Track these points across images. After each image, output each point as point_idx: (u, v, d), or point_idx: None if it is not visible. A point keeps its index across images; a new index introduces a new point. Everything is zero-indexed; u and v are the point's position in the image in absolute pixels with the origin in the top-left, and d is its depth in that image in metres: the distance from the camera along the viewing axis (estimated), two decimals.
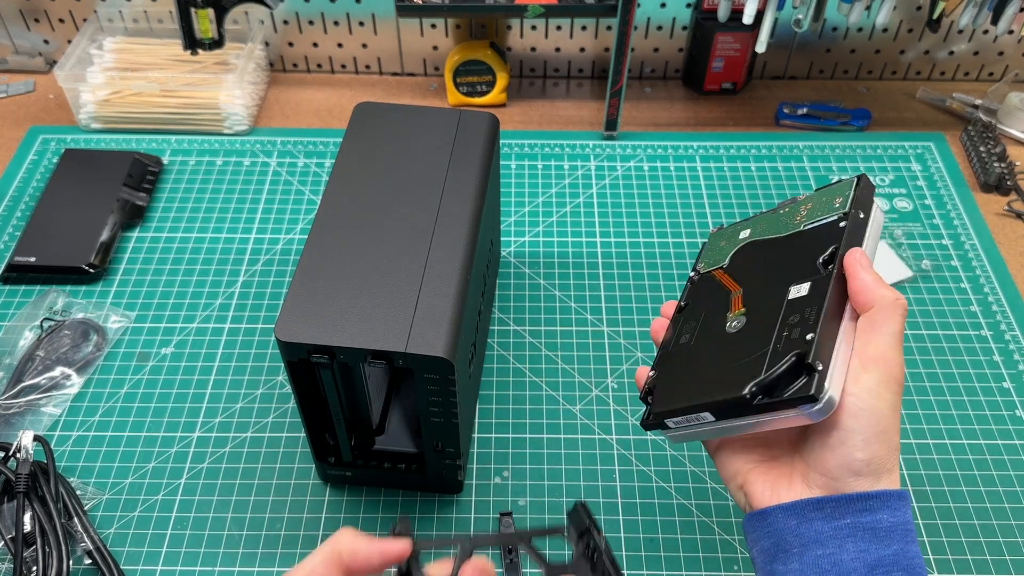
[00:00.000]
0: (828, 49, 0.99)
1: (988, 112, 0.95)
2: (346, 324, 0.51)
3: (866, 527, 0.38)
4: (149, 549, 0.61)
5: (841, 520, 0.38)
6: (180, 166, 0.89)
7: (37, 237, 0.79)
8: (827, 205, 0.47)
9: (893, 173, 0.90)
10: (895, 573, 0.37)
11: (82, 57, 0.93)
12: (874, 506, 0.38)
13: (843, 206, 0.46)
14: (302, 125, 0.95)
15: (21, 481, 0.59)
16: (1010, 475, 0.65)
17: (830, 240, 0.44)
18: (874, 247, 0.45)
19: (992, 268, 0.80)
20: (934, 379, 0.71)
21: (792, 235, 0.48)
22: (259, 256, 0.81)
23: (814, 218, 0.47)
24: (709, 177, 0.89)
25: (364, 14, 0.97)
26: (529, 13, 0.87)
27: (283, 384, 0.71)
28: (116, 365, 0.72)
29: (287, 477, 0.65)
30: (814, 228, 0.46)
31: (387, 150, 0.62)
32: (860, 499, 0.38)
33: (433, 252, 0.55)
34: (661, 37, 0.98)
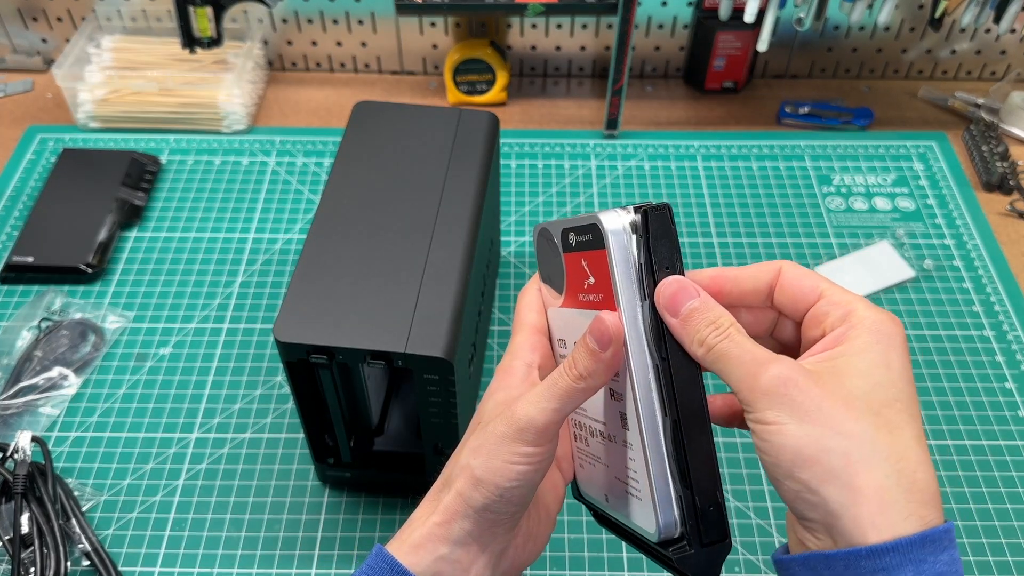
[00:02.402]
0: (830, 48, 0.99)
1: (990, 111, 0.95)
2: (345, 324, 0.50)
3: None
4: (147, 550, 0.60)
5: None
6: (178, 165, 0.89)
7: (35, 237, 0.78)
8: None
9: (895, 172, 0.89)
10: None
11: (80, 56, 0.92)
12: (892, 564, 0.29)
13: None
14: (301, 124, 0.95)
15: (19, 482, 0.59)
16: (1012, 475, 0.65)
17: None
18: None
19: (994, 268, 0.79)
20: (936, 379, 0.71)
21: None
22: (258, 256, 0.80)
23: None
24: (710, 176, 0.89)
25: (363, 12, 0.96)
26: (529, 11, 0.87)
27: (282, 384, 0.70)
28: (114, 365, 0.71)
29: (286, 478, 0.64)
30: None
31: (386, 149, 0.62)
32: (871, 555, 0.29)
33: (433, 252, 0.55)
34: (662, 35, 0.98)
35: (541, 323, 0.39)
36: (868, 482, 0.29)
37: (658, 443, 0.33)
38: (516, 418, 0.35)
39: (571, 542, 0.61)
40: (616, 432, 0.36)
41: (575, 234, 0.35)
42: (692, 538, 0.33)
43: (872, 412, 0.30)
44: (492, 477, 0.35)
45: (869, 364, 0.31)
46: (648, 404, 0.33)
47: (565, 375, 0.34)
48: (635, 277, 0.33)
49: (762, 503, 0.63)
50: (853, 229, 0.83)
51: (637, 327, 0.33)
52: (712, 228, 0.83)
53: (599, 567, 0.60)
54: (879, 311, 0.33)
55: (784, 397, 0.31)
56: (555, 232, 0.37)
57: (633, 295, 0.33)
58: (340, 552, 0.61)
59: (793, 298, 0.34)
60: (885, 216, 0.84)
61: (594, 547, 0.61)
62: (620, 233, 0.33)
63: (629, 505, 0.36)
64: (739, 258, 0.80)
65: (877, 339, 0.32)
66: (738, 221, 0.84)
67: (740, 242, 0.82)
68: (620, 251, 0.33)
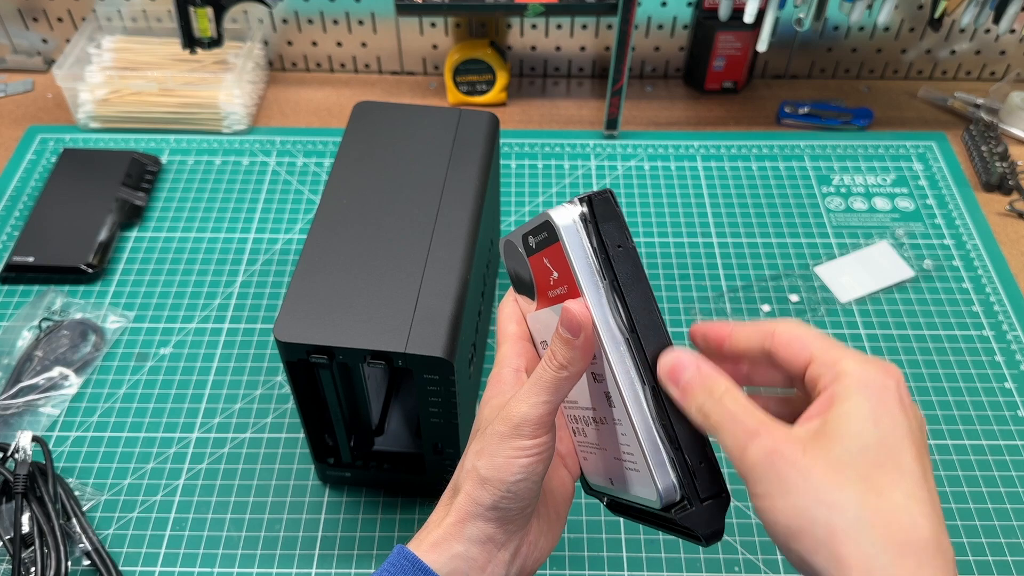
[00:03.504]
0: (829, 48, 0.99)
1: (990, 111, 0.95)
2: (345, 324, 0.50)
3: None
4: (148, 550, 0.60)
5: None
6: (179, 166, 0.89)
7: (35, 237, 0.79)
8: None
9: (895, 172, 0.90)
10: None
11: (80, 56, 0.93)
12: None
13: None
14: (301, 124, 0.95)
15: (19, 482, 0.59)
16: (1012, 475, 0.65)
17: None
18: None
19: (994, 268, 0.79)
20: (936, 379, 0.71)
21: None
22: (258, 256, 0.80)
23: None
24: (710, 176, 0.89)
25: (363, 13, 0.96)
26: (529, 12, 0.87)
27: (282, 384, 0.70)
28: (115, 365, 0.71)
29: (286, 478, 0.65)
30: None
31: (386, 149, 0.62)
32: None
33: (433, 252, 0.55)
34: (662, 36, 0.98)
35: (523, 331, 0.41)
36: (852, 552, 0.29)
37: (642, 412, 0.35)
38: (511, 416, 0.37)
39: (571, 542, 0.61)
40: (605, 413, 0.37)
41: (532, 236, 0.37)
42: (691, 497, 0.35)
43: (860, 478, 0.30)
44: (497, 474, 0.37)
45: (857, 426, 0.31)
46: (626, 377, 0.35)
47: (548, 367, 0.36)
48: (592, 262, 0.35)
49: None
50: (853, 229, 0.83)
51: (602, 308, 0.35)
52: (712, 228, 0.83)
53: (599, 567, 0.60)
54: (869, 363, 0.32)
55: (770, 471, 0.31)
56: (517, 240, 0.39)
57: (593, 278, 0.35)
58: (340, 552, 0.61)
59: (787, 361, 0.35)
60: (885, 216, 0.85)
61: (594, 547, 0.61)
62: (571, 224, 0.35)
63: (630, 481, 0.37)
64: (739, 258, 0.80)
65: (866, 396, 0.31)
66: (738, 221, 0.84)
67: (740, 242, 0.82)
68: (573, 241, 0.35)
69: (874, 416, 0.31)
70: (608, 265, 0.35)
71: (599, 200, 0.35)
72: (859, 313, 0.76)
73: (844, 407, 0.31)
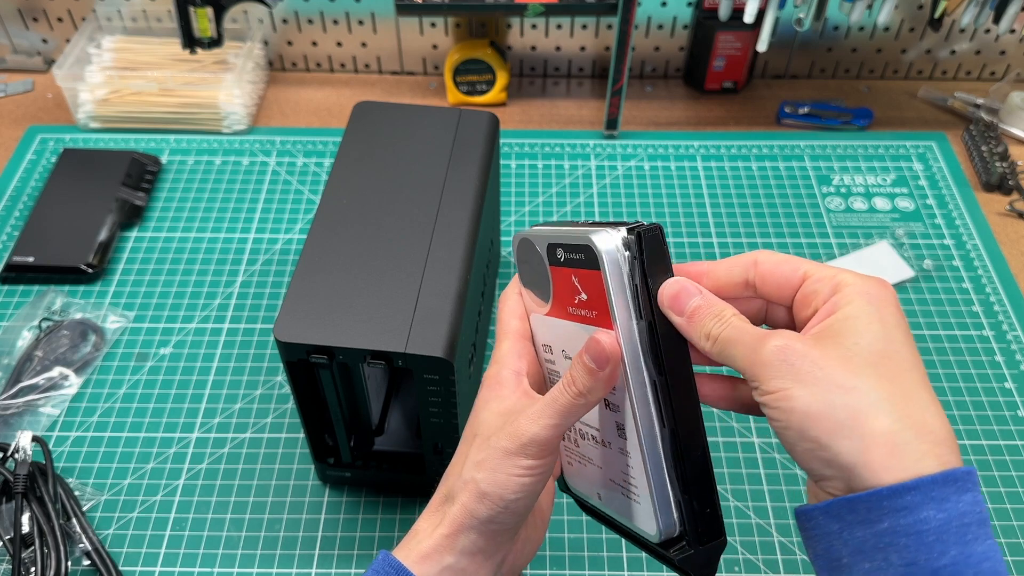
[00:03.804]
0: (829, 48, 0.99)
1: (990, 111, 0.95)
2: (345, 324, 0.50)
3: (909, 531, 0.29)
4: (148, 550, 0.60)
5: (879, 524, 0.30)
6: (179, 166, 0.89)
7: (35, 237, 0.79)
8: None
9: (895, 172, 0.90)
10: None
11: (80, 56, 0.93)
12: (912, 503, 0.29)
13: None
14: (301, 124, 0.95)
15: (19, 482, 0.59)
16: (1012, 475, 0.65)
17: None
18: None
19: (994, 268, 0.79)
20: (936, 379, 0.71)
21: None
22: (258, 256, 0.80)
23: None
24: (710, 176, 0.89)
25: (363, 13, 0.96)
26: (529, 12, 0.87)
27: (282, 384, 0.70)
28: (115, 365, 0.71)
29: (286, 478, 0.65)
30: None
31: (386, 149, 0.62)
32: (891, 495, 0.29)
33: (433, 252, 0.55)
34: (662, 36, 0.98)
35: (525, 329, 0.40)
36: (876, 428, 0.30)
37: (657, 454, 0.35)
38: (519, 434, 0.36)
39: (571, 542, 0.61)
40: (611, 439, 0.37)
41: (564, 251, 0.36)
42: (691, 539, 0.35)
43: (871, 365, 0.31)
44: (497, 490, 0.36)
45: (863, 323, 0.32)
46: (647, 417, 0.34)
47: (565, 392, 0.35)
48: (630, 297, 0.34)
49: (762, 503, 0.63)
50: (853, 229, 0.83)
51: (634, 345, 0.34)
52: (712, 228, 0.83)
53: (599, 567, 0.60)
54: (867, 277, 0.33)
55: (784, 364, 0.31)
56: (539, 244, 0.38)
57: (629, 315, 0.34)
58: (340, 552, 0.61)
59: (777, 285, 0.35)
60: (885, 216, 0.85)
61: (594, 547, 0.61)
62: (614, 254, 0.33)
63: (626, 506, 0.37)
64: None
65: (868, 300, 0.32)
66: (738, 221, 0.84)
67: (740, 242, 0.82)
68: (615, 273, 0.33)
69: (880, 317, 0.32)
70: (648, 307, 0.34)
71: (649, 237, 0.33)
72: None
73: (848, 310, 0.32)
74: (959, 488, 0.29)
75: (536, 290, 0.39)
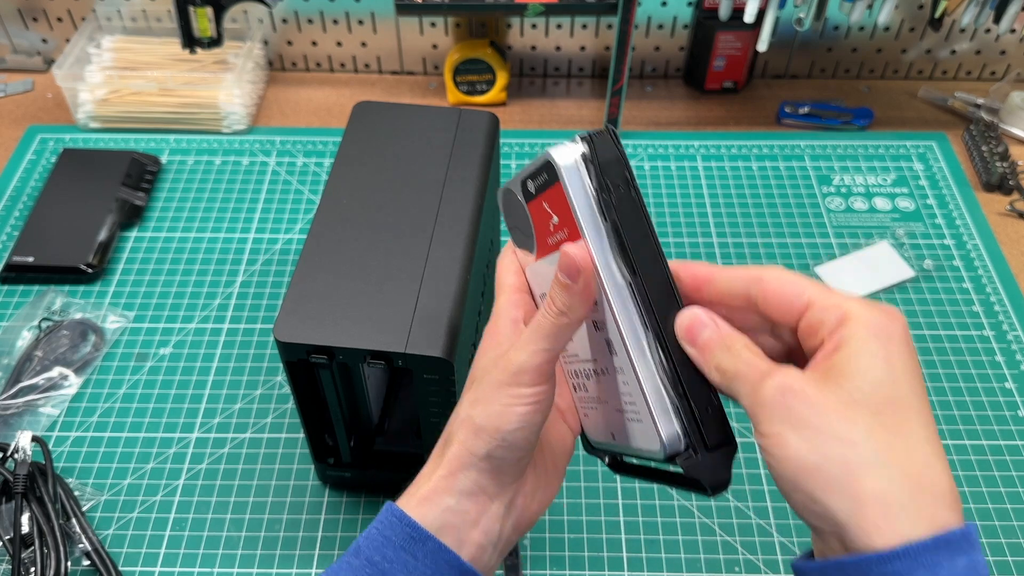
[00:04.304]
0: (830, 48, 0.99)
1: (990, 111, 0.95)
2: (345, 324, 0.50)
3: None
4: (147, 550, 0.60)
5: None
6: (179, 166, 0.89)
7: (35, 237, 0.78)
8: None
9: (895, 172, 0.89)
10: None
11: (80, 56, 0.93)
12: (902, 570, 0.28)
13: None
14: (301, 124, 0.95)
15: (19, 482, 0.59)
16: (1012, 475, 0.65)
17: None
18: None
19: (994, 268, 0.79)
20: (936, 379, 0.71)
21: None
22: (258, 256, 0.80)
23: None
24: (710, 176, 0.89)
25: (363, 12, 0.96)
26: (529, 11, 0.87)
27: (282, 384, 0.70)
28: (114, 365, 0.71)
29: (286, 478, 0.64)
30: None
31: (386, 149, 0.62)
32: (880, 561, 0.28)
33: (433, 252, 0.55)
34: (662, 36, 0.98)
35: (521, 283, 0.40)
36: (869, 488, 0.29)
37: (644, 358, 0.34)
38: (508, 364, 0.35)
39: (571, 542, 0.61)
40: (607, 363, 0.36)
41: (532, 180, 0.36)
42: (697, 445, 0.33)
43: (872, 413, 0.29)
44: (493, 422, 0.35)
45: (868, 363, 0.30)
46: (628, 323, 0.34)
47: (547, 314, 0.35)
48: (593, 202, 0.33)
49: (762, 503, 0.63)
50: (853, 229, 0.83)
51: (603, 251, 0.33)
52: (712, 228, 0.83)
53: (599, 567, 0.60)
54: (876, 307, 0.32)
55: (783, 408, 0.30)
56: (515, 188, 0.37)
57: (594, 219, 0.33)
58: (340, 552, 0.61)
59: (779, 307, 0.33)
60: (885, 216, 0.84)
61: (594, 547, 0.61)
62: (572, 164, 0.33)
63: (632, 433, 0.36)
64: (739, 258, 0.80)
65: (875, 336, 0.31)
66: (738, 221, 0.84)
67: (740, 242, 0.82)
68: (574, 181, 0.33)
69: (886, 356, 0.30)
70: (610, 206, 0.33)
71: (600, 138, 0.33)
72: None
73: (854, 347, 0.30)
74: (953, 551, 0.28)
75: (524, 241, 0.39)
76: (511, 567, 0.59)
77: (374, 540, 0.36)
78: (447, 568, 0.36)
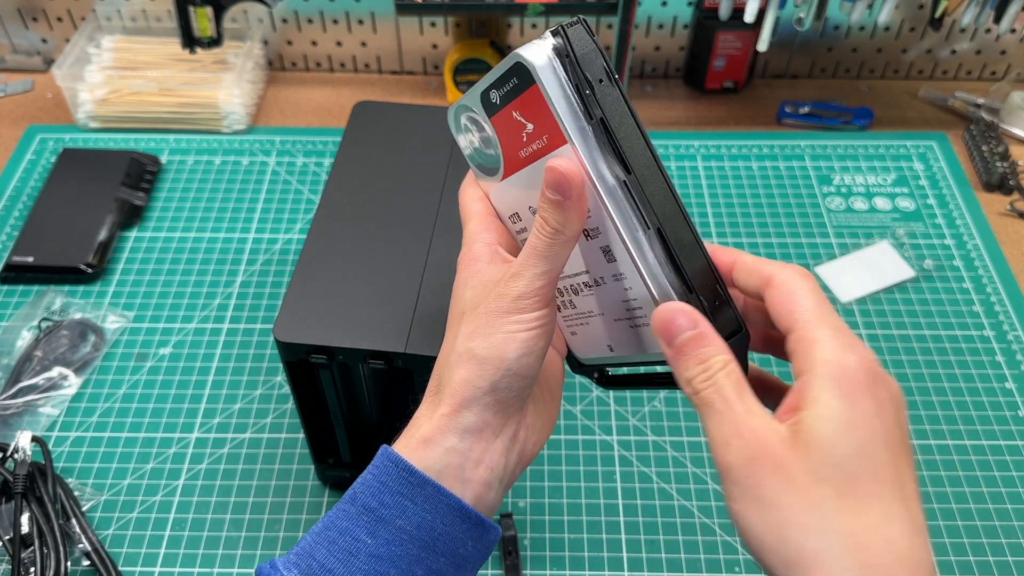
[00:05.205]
0: (830, 48, 0.99)
1: (990, 111, 0.95)
2: (345, 324, 0.50)
3: None
4: (147, 550, 0.60)
5: None
6: (178, 165, 0.89)
7: (35, 237, 0.78)
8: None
9: (895, 172, 0.89)
10: None
11: (80, 56, 0.92)
12: None
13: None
14: (301, 124, 0.95)
15: (19, 482, 0.59)
16: (1012, 475, 0.65)
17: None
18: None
19: (994, 268, 0.79)
20: (936, 379, 0.71)
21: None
22: (258, 256, 0.80)
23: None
24: (710, 176, 0.89)
25: (363, 12, 0.96)
26: (529, 11, 0.87)
27: (282, 384, 0.70)
28: (114, 365, 0.71)
29: (286, 478, 0.64)
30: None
31: (386, 149, 0.62)
32: None
33: (433, 252, 0.55)
34: (662, 35, 0.98)
35: (488, 208, 0.38)
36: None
37: (645, 257, 0.32)
38: (508, 292, 0.34)
39: (571, 542, 0.61)
40: (603, 272, 0.35)
41: (496, 89, 0.33)
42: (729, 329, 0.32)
43: (837, 494, 0.28)
44: (496, 352, 0.34)
45: (832, 431, 0.29)
46: (627, 224, 0.32)
47: (541, 235, 0.33)
48: (575, 101, 0.31)
49: None
50: (853, 229, 0.83)
51: (591, 151, 0.31)
52: (712, 228, 0.83)
53: (599, 567, 0.60)
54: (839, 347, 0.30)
55: (749, 479, 0.29)
56: (472, 103, 0.35)
57: (578, 120, 0.31)
58: None
59: (776, 320, 0.33)
60: (885, 216, 0.84)
61: (594, 547, 0.61)
62: (546, 63, 0.31)
63: (637, 339, 0.35)
64: None
65: (840, 395, 0.29)
66: (738, 221, 0.84)
67: (740, 242, 0.82)
68: (550, 79, 0.31)
69: (849, 421, 0.29)
70: (593, 102, 0.31)
71: (573, 30, 0.31)
72: (860, 313, 0.76)
73: (819, 409, 0.29)
74: None
75: (486, 163, 0.37)
76: (511, 567, 0.59)
77: (370, 486, 0.35)
78: (448, 511, 0.34)
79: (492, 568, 0.60)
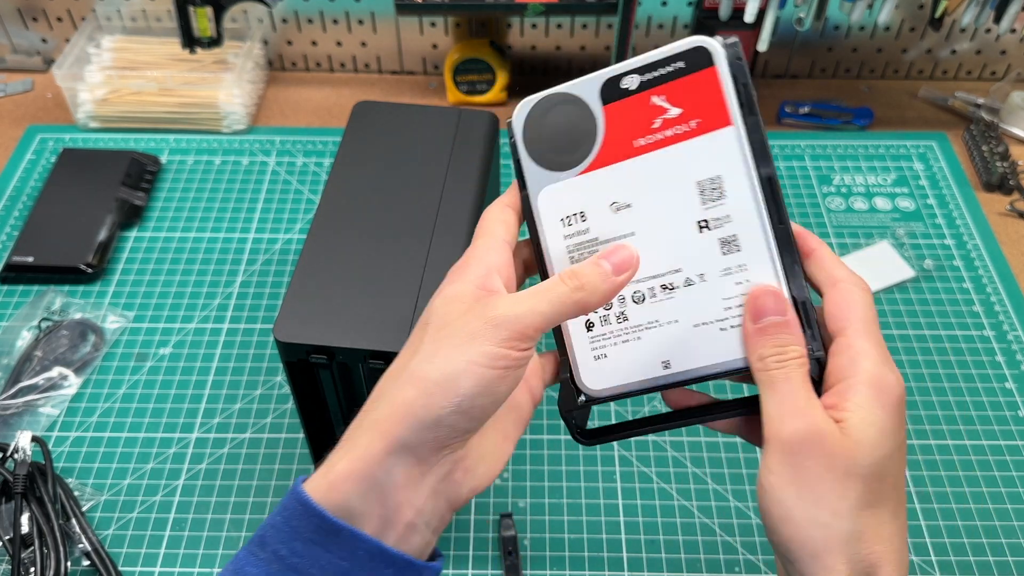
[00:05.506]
0: (830, 48, 0.99)
1: (990, 111, 0.95)
2: (345, 324, 0.50)
3: None
4: (147, 550, 0.60)
5: None
6: (178, 165, 0.89)
7: (35, 237, 0.78)
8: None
9: (895, 172, 0.89)
10: None
11: (80, 56, 0.92)
12: None
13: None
14: (301, 124, 0.95)
15: (19, 482, 0.59)
16: (1012, 475, 0.65)
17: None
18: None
19: (994, 268, 0.79)
20: (936, 379, 0.71)
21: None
22: (258, 256, 0.80)
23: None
24: None
25: (363, 12, 0.96)
26: (529, 11, 0.87)
27: (282, 384, 0.70)
28: (114, 365, 0.71)
29: (286, 478, 0.64)
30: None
31: (386, 149, 0.62)
32: None
33: (432, 252, 0.55)
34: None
35: (508, 236, 0.36)
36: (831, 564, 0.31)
37: (773, 253, 0.33)
38: (494, 314, 0.30)
39: (571, 542, 0.61)
40: (706, 268, 0.34)
41: (640, 74, 0.34)
42: (814, 344, 0.34)
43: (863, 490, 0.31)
44: (453, 381, 0.30)
45: (874, 436, 0.32)
46: (762, 220, 0.33)
47: (563, 283, 0.32)
48: (740, 93, 0.33)
49: None
50: (853, 229, 0.83)
51: (750, 139, 0.33)
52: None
53: (599, 567, 0.60)
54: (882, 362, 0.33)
55: (797, 458, 0.32)
56: (581, 91, 0.36)
57: (740, 110, 0.33)
58: None
59: (829, 319, 0.34)
60: (885, 216, 0.84)
61: (594, 547, 0.61)
62: (722, 53, 0.33)
63: (721, 344, 0.34)
64: None
65: (881, 405, 0.32)
66: None
67: None
68: (726, 67, 0.33)
69: (888, 431, 0.32)
70: (752, 101, 0.33)
71: (734, 42, 0.33)
72: None
73: (864, 414, 0.32)
74: None
75: (560, 156, 0.36)
76: (511, 567, 0.59)
77: (280, 531, 0.31)
78: (367, 558, 0.31)
79: (492, 568, 0.60)
